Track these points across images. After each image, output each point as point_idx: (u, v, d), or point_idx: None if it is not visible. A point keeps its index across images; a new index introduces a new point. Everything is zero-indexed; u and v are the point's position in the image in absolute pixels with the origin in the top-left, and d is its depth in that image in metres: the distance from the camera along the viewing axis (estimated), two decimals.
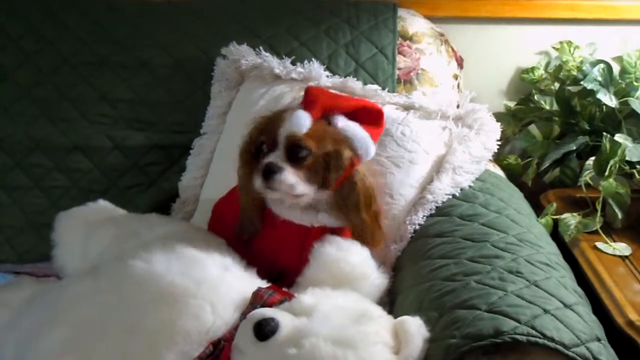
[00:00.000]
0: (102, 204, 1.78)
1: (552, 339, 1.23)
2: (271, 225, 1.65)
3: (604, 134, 1.86)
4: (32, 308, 1.50)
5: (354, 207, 1.58)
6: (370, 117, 1.64)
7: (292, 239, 1.63)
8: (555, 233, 1.83)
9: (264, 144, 1.58)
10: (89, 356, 1.36)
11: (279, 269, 1.63)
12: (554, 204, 1.86)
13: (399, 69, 2.07)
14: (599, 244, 1.76)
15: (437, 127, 1.83)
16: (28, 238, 1.99)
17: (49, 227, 1.84)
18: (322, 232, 1.61)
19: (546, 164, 2.04)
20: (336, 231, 1.62)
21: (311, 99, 1.61)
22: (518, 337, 1.23)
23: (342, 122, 1.60)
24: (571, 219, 1.83)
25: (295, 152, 1.55)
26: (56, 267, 1.71)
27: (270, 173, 1.54)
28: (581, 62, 2.17)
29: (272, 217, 1.65)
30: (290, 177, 1.54)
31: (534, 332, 1.24)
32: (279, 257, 1.64)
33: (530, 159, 2.16)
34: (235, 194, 1.71)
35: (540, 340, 1.23)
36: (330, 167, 1.56)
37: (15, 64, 2.05)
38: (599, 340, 1.29)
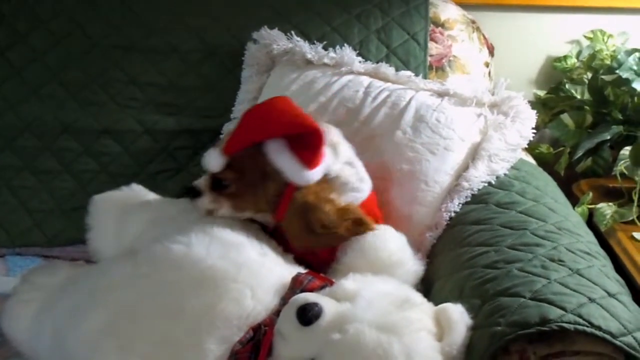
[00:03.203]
0: (136, 188, 1.76)
1: (599, 328, 1.22)
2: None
3: None
4: (69, 292, 1.50)
5: (307, 230, 1.52)
6: (308, 140, 1.51)
7: None
8: (589, 223, 1.81)
9: None
10: (129, 340, 1.35)
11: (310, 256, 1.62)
12: (590, 193, 1.85)
13: (431, 55, 2.05)
14: (636, 234, 1.75)
15: (472, 114, 1.81)
16: (57, 222, 1.98)
17: (78, 211, 1.85)
18: None
19: (579, 153, 2.02)
20: None
21: (231, 135, 1.55)
22: (565, 325, 1.22)
23: (272, 151, 1.52)
24: (607, 209, 1.82)
25: (217, 182, 1.55)
26: (90, 251, 1.70)
27: (191, 196, 1.57)
28: (614, 51, 2.15)
29: None
30: (208, 203, 1.55)
31: (581, 320, 1.22)
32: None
33: (561, 148, 2.14)
34: None
35: (588, 329, 1.21)
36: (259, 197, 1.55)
37: (45, 46, 2.04)
38: None
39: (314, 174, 1.53)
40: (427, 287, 1.56)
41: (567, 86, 2.21)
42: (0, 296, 1.68)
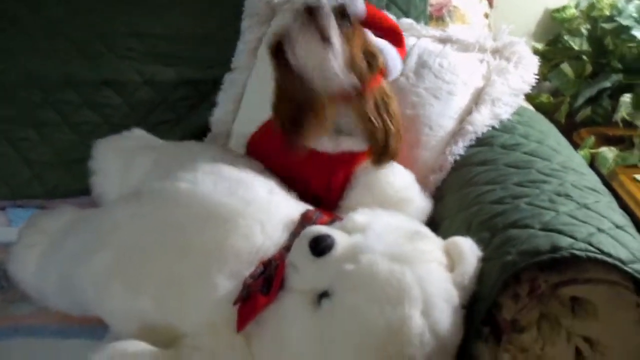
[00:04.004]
0: (138, 132, 1.76)
1: (609, 255, 1.22)
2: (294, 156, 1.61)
3: None
4: (73, 234, 1.49)
5: (373, 112, 1.54)
6: (395, 37, 1.64)
7: (318, 168, 1.61)
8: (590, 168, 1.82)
9: None
10: (136, 279, 1.35)
11: (311, 196, 1.61)
12: (592, 137, 1.86)
13: (431, 5, 2.04)
14: (638, 176, 1.76)
15: (475, 59, 1.81)
16: (57, 174, 1.97)
17: (79, 162, 1.84)
18: (347, 158, 1.60)
19: (580, 101, 2.04)
20: (359, 156, 1.61)
21: None
22: (576, 252, 1.22)
23: (373, 37, 1.58)
24: (609, 153, 1.83)
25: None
26: (94, 195, 1.70)
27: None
28: (613, 0, 2.15)
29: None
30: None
31: (591, 248, 1.23)
32: (309, 186, 1.62)
33: (561, 97, 2.15)
34: (269, 128, 1.69)
35: (599, 256, 1.22)
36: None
37: None
38: None
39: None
40: (434, 227, 1.56)
41: (565, 37, 2.21)
42: (3, 245, 1.68)
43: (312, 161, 1.61)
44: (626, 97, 1.92)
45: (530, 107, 1.99)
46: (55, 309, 1.49)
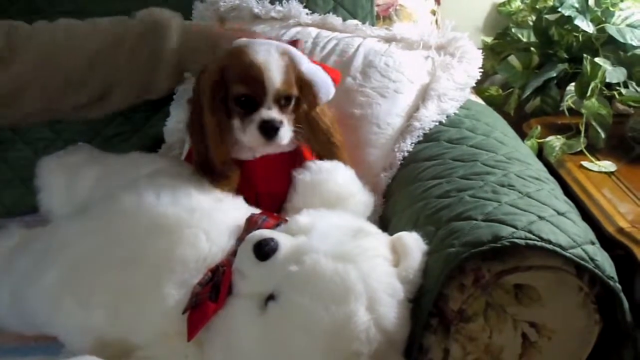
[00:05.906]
0: (83, 146, 1.77)
1: (549, 242, 1.25)
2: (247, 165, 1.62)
3: (585, 55, 1.89)
4: (24, 253, 1.50)
5: (317, 141, 1.60)
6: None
7: (279, 168, 1.62)
8: (539, 158, 1.85)
9: (243, 97, 1.53)
10: (87, 294, 1.36)
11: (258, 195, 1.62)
12: (539, 127, 1.89)
13: (378, 5, 2.06)
14: (585, 163, 1.79)
15: (420, 56, 1.84)
16: (15, 191, 1.96)
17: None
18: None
19: (527, 92, 2.07)
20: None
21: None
22: (516, 241, 1.25)
23: (305, 65, 1.58)
24: (556, 141, 1.86)
25: (284, 103, 1.53)
26: (42, 213, 1.70)
27: (273, 130, 1.51)
28: None
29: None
30: (288, 131, 1.53)
31: (531, 235, 1.26)
32: (270, 187, 1.62)
33: (511, 89, 2.18)
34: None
35: (539, 243, 1.25)
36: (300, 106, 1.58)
37: None
38: (593, 243, 1.32)
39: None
40: (384, 225, 1.59)
41: (513, 30, 2.24)
42: None
43: (271, 164, 1.61)
44: (572, 86, 1.95)
45: (480, 101, 2.02)
46: (9, 330, 1.49)
